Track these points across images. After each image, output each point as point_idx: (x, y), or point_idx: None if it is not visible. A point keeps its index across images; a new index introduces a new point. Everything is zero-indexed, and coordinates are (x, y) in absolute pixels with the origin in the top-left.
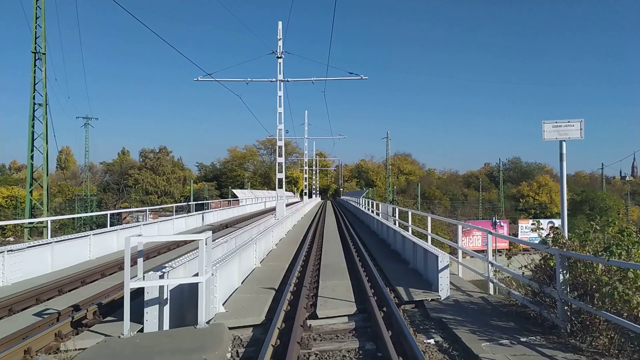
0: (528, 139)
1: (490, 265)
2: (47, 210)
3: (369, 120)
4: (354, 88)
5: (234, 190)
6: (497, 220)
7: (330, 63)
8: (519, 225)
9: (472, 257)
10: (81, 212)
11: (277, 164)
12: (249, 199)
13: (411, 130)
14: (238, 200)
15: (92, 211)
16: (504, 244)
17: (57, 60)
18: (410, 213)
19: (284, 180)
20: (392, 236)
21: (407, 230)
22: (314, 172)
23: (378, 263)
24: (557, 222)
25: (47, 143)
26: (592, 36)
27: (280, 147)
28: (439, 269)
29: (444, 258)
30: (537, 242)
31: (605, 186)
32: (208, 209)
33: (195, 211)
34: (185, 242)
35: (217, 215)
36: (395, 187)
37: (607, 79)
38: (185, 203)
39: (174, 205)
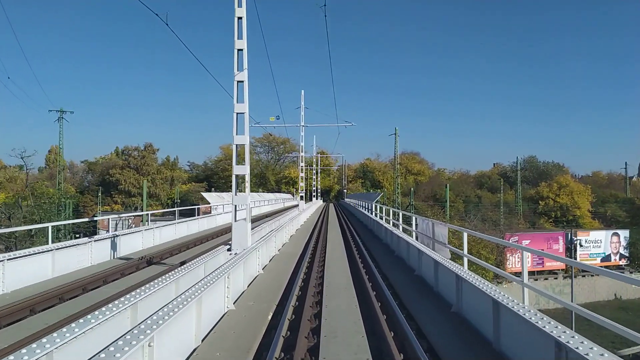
0: (538, 138)
1: None
2: None
3: (374, 117)
4: (359, 84)
5: (203, 194)
6: (575, 239)
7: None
8: (577, 238)
9: (511, 282)
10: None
11: (234, 146)
12: (227, 205)
13: (418, 128)
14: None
15: (66, 215)
16: (552, 263)
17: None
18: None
19: (248, 175)
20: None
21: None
22: (315, 172)
23: None
24: (622, 234)
25: None
26: (606, 39)
27: (241, 115)
28: None
29: None
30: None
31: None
32: (196, 215)
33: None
34: None
35: (156, 235)
36: (411, 188)
37: (612, 82)
38: (136, 211)
39: (50, 224)
